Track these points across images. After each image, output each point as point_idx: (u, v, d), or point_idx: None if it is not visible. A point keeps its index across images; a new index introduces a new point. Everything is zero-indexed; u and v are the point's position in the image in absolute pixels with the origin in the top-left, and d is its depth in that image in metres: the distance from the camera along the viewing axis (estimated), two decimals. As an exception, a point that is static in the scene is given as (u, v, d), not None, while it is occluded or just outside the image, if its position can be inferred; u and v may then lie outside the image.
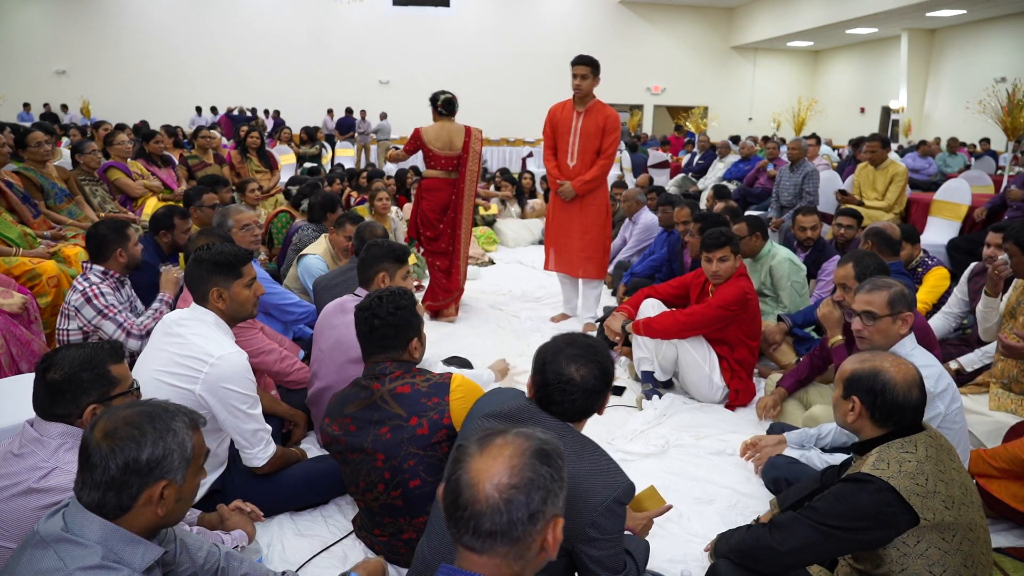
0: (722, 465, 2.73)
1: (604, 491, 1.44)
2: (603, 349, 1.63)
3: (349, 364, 2.51)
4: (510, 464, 1.01)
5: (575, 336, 1.65)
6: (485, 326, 4.53)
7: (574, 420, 1.59)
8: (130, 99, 17.21)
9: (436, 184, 4.45)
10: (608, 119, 4.11)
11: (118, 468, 1.19)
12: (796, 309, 3.77)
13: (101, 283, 2.84)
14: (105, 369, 1.59)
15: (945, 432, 1.91)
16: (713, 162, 9.41)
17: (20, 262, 3.38)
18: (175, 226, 3.43)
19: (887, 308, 2.13)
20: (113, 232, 2.88)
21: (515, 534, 0.99)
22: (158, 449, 1.22)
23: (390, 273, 2.65)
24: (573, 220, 4.27)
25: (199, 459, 1.31)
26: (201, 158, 6.63)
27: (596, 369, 1.56)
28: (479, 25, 19.22)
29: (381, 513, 2.00)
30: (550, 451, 1.05)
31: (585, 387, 1.55)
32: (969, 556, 1.54)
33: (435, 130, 4.36)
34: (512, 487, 0.99)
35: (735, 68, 21.33)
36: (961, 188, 6.03)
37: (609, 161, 4.17)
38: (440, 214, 4.50)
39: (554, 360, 1.57)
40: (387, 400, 1.92)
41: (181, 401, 1.89)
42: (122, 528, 1.22)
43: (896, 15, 14.38)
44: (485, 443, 1.05)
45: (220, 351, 2.01)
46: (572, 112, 4.18)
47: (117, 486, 1.20)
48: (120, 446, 1.20)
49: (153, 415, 1.26)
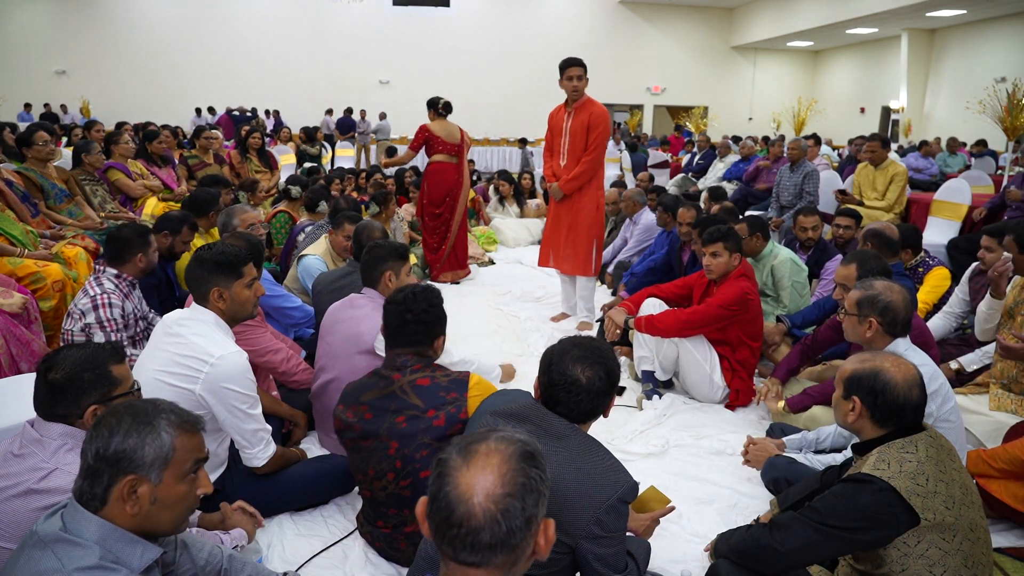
0: (722, 465, 2.73)
1: (609, 489, 1.45)
2: (609, 352, 1.64)
3: (359, 355, 2.54)
4: (500, 472, 0.97)
5: (581, 339, 1.66)
6: (485, 326, 4.52)
7: (580, 421, 1.60)
8: (130, 99, 17.21)
9: (442, 167, 5.47)
10: (593, 115, 4.12)
11: (93, 455, 1.21)
12: (797, 309, 3.77)
13: (112, 292, 2.83)
14: (106, 369, 1.59)
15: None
16: (713, 162, 9.42)
17: (25, 264, 3.37)
18: (180, 233, 3.41)
19: (854, 307, 2.22)
20: (137, 237, 2.91)
21: (514, 542, 0.96)
22: (129, 441, 1.21)
23: (395, 271, 2.67)
24: (563, 218, 4.36)
25: (182, 463, 1.27)
26: (201, 158, 6.63)
27: (602, 371, 1.58)
28: (479, 25, 19.22)
29: (387, 503, 2.01)
30: (534, 452, 1.02)
31: (591, 389, 1.56)
32: (969, 556, 1.54)
33: (438, 125, 5.44)
34: (507, 495, 0.96)
35: (735, 68, 21.32)
36: (961, 188, 6.03)
37: (593, 157, 4.16)
38: (444, 193, 5.49)
39: (560, 361, 1.58)
40: (406, 391, 1.96)
41: (181, 401, 1.89)
42: (120, 528, 1.22)
43: (896, 15, 14.38)
44: (467, 453, 1.00)
45: (220, 351, 2.01)
46: (564, 113, 4.26)
47: (92, 474, 1.21)
48: (96, 433, 1.22)
49: (138, 409, 1.26)
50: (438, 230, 5.58)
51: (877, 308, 2.16)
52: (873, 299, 2.17)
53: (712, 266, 3.19)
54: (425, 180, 5.54)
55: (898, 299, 2.15)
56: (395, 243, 2.78)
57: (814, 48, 21.14)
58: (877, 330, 2.18)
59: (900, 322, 2.16)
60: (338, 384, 2.52)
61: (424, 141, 5.41)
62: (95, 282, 2.85)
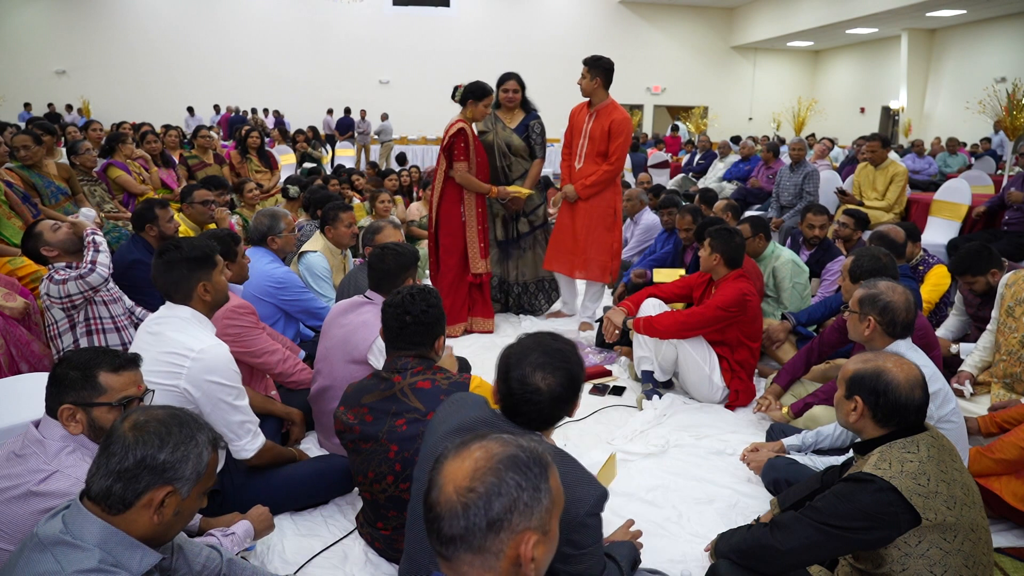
0: (722, 465, 2.73)
1: (576, 506, 1.36)
2: (571, 354, 1.56)
3: (350, 364, 2.51)
4: (474, 467, 0.96)
5: (542, 338, 1.58)
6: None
7: (541, 428, 1.55)
8: (130, 99, 17.20)
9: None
10: (614, 123, 4.00)
11: (135, 460, 1.21)
12: (797, 310, 3.77)
13: (61, 269, 2.78)
14: (93, 374, 1.56)
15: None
16: (713, 162, 9.42)
17: (25, 263, 3.37)
18: (158, 217, 3.40)
19: (856, 305, 2.24)
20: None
21: (474, 542, 0.94)
22: (177, 453, 1.24)
23: (413, 276, 2.68)
24: (575, 221, 4.20)
25: (209, 479, 1.31)
26: (201, 158, 6.63)
27: (563, 377, 1.50)
28: (479, 25, 19.21)
29: (387, 506, 2.01)
30: (526, 460, 0.99)
31: (552, 396, 1.49)
32: (970, 556, 1.54)
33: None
34: (470, 490, 0.94)
35: (735, 68, 21.32)
36: (961, 188, 6.04)
37: (614, 167, 4.06)
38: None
39: (518, 367, 1.51)
40: (407, 393, 1.94)
41: (168, 398, 1.91)
42: (121, 531, 1.22)
43: (896, 15, 14.37)
44: (462, 445, 1.01)
45: (200, 344, 2.01)
46: (586, 113, 4.15)
47: (128, 478, 1.21)
48: (144, 439, 1.23)
49: (183, 421, 1.28)
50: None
51: (877, 307, 2.16)
52: (874, 298, 2.17)
53: (703, 261, 3.28)
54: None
55: (899, 300, 2.15)
56: (409, 246, 2.75)
57: (814, 48, 21.14)
58: (876, 329, 2.18)
59: (900, 323, 2.15)
60: (333, 391, 2.52)
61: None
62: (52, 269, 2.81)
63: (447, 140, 4.11)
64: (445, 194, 4.25)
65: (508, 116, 4.31)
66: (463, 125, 4.06)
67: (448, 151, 4.13)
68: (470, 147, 4.08)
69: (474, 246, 4.25)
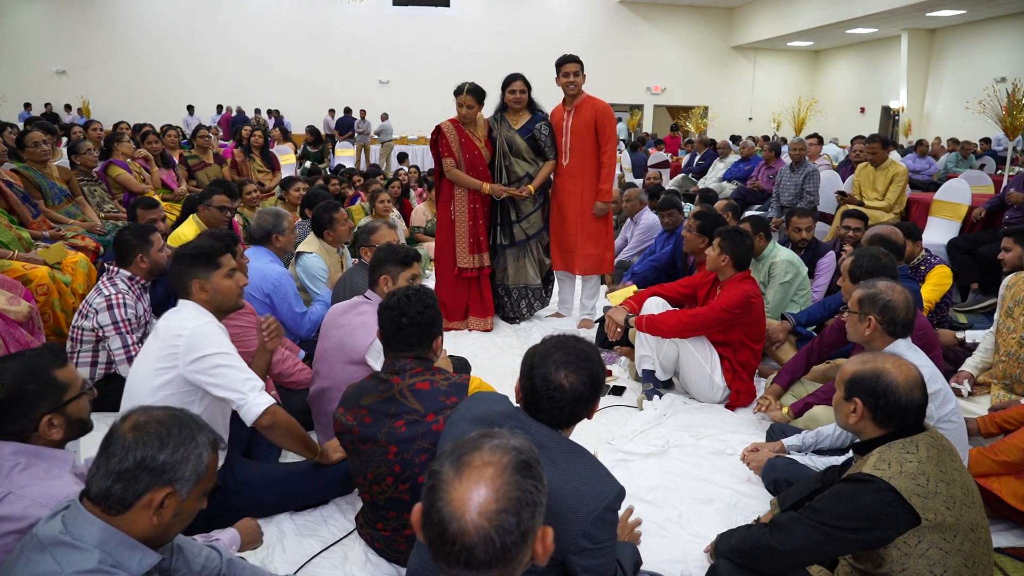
0: (722, 465, 2.73)
1: (594, 500, 1.40)
2: (594, 355, 1.58)
3: (349, 365, 2.51)
4: (494, 486, 0.93)
5: (565, 340, 1.59)
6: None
7: (562, 426, 1.56)
8: (130, 99, 17.18)
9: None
10: (599, 112, 4.12)
11: (135, 461, 1.21)
12: (779, 310, 3.78)
13: (126, 292, 2.83)
14: (50, 376, 1.55)
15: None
16: (713, 162, 9.42)
17: (13, 267, 3.35)
18: (139, 217, 3.42)
19: (856, 305, 2.24)
20: (136, 238, 2.93)
21: (509, 556, 0.93)
22: (177, 454, 1.24)
23: (392, 276, 2.65)
24: (565, 216, 4.31)
25: (209, 480, 1.31)
26: (201, 158, 6.63)
27: (586, 376, 1.52)
28: (479, 25, 19.20)
29: (386, 507, 2.01)
30: (529, 460, 0.98)
31: (574, 394, 1.51)
32: (970, 556, 1.54)
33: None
34: (501, 511, 0.92)
35: (735, 68, 21.31)
36: (961, 188, 6.02)
37: (612, 158, 4.20)
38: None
39: (542, 365, 1.52)
40: (406, 395, 1.94)
41: (176, 386, 1.96)
42: (120, 532, 1.21)
43: (896, 15, 14.36)
44: (460, 465, 0.96)
45: (192, 323, 2.03)
46: (563, 112, 4.25)
47: (127, 478, 1.20)
48: (144, 440, 1.23)
49: (183, 422, 1.28)
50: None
51: (877, 306, 2.16)
52: (874, 297, 2.17)
53: (708, 258, 3.31)
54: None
55: (899, 299, 2.15)
56: (397, 247, 2.74)
57: (814, 48, 21.13)
58: (876, 328, 2.18)
59: (900, 322, 2.15)
60: (332, 392, 2.52)
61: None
62: (109, 282, 2.85)
63: (431, 138, 4.36)
64: (441, 193, 4.42)
65: (514, 117, 4.32)
66: (444, 123, 4.26)
67: (433, 148, 4.32)
68: (451, 144, 4.22)
69: (462, 241, 4.33)
